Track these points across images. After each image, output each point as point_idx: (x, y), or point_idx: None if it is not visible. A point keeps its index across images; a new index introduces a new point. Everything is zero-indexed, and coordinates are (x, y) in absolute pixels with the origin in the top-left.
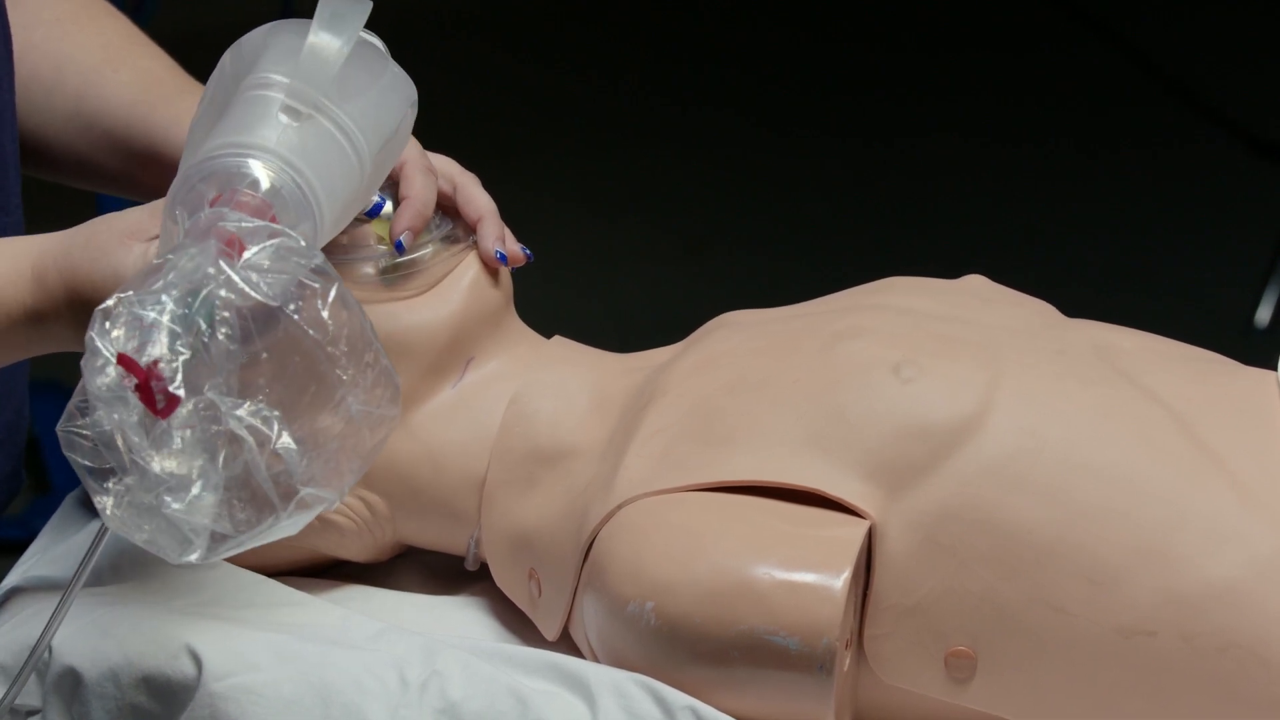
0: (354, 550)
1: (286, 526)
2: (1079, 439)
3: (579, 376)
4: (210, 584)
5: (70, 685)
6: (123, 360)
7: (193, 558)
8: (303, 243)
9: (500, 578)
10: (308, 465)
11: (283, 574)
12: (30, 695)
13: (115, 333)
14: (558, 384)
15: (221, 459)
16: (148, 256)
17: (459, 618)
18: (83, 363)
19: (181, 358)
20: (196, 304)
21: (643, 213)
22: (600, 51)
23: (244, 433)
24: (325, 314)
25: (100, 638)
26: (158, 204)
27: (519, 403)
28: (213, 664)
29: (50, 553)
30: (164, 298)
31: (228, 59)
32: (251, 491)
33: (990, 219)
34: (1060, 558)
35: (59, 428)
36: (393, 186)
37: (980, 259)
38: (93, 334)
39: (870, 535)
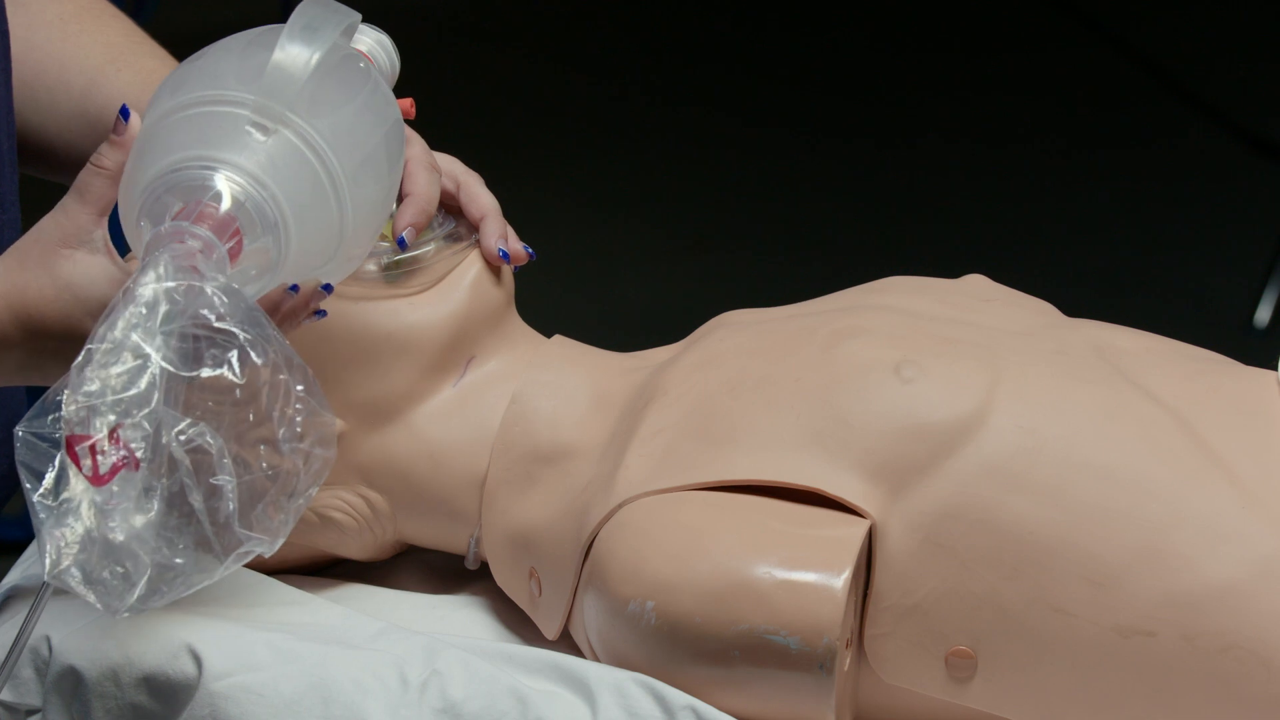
0: (354, 548)
1: (220, 572)
2: (1079, 439)
3: (579, 376)
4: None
5: (70, 685)
6: (70, 441)
7: (132, 599)
8: (225, 298)
9: (500, 577)
10: (244, 501)
11: (283, 573)
12: (30, 694)
13: (72, 400)
14: (558, 383)
15: (162, 473)
16: (94, 265)
17: (459, 617)
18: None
19: (129, 428)
20: (134, 371)
21: (644, 212)
22: (602, 51)
23: (181, 454)
24: (238, 371)
25: (100, 637)
26: (68, 204)
27: (519, 402)
28: (213, 663)
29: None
30: (108, 357)
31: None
32: (187, 520)
33: (991, 218)
34: (1060, 558)
35: (17, 429)
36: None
37: (980, 258)
38: (60, 396)
39: (871, 535)
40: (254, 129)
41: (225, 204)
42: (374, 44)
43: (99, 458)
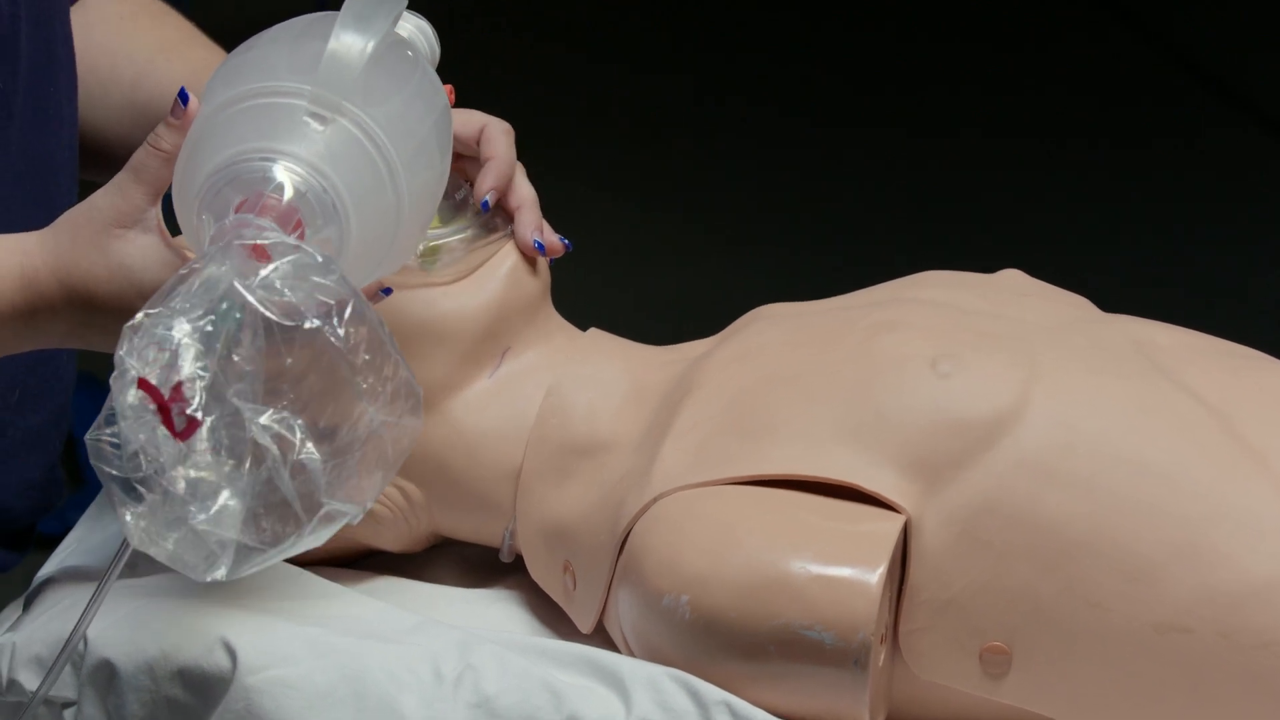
0: (389, 540)
1: (310, 540)
2: (1116, 433)
3: (615, 369)
4: (245, 576)
5: (105, 677)
6: (143, 384)
7: (219, 574)
8: (319, 258)
9: (535, 570)
10: (331, 475)
11: (317, 564)
12: (66, 687)
13: (139, 352)
14: (594, 376)
15: (247, 466)
16: (148, 246)
17: (494, 611)
18: (111, 378)
19: (201, 381)
20: (219, 319)
21: (680, 205)
22: (639, 43)
23: (268, 441)
24: (342, 330)
25: (136, 630)
26: (123, 182)
27: (555, 394)
28: (247, 657)
29: (86, 543)
30: (186, 315)
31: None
32: (275, 502)
33: (1027, 213)
34: (1097, 553)
35: (88, 436)
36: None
37: (1016, 253)
38: (120, 352)
39: (906, 530)
40: (311, 119)
41: (287, 194)
42: (415, 30)
43: (174, 411)
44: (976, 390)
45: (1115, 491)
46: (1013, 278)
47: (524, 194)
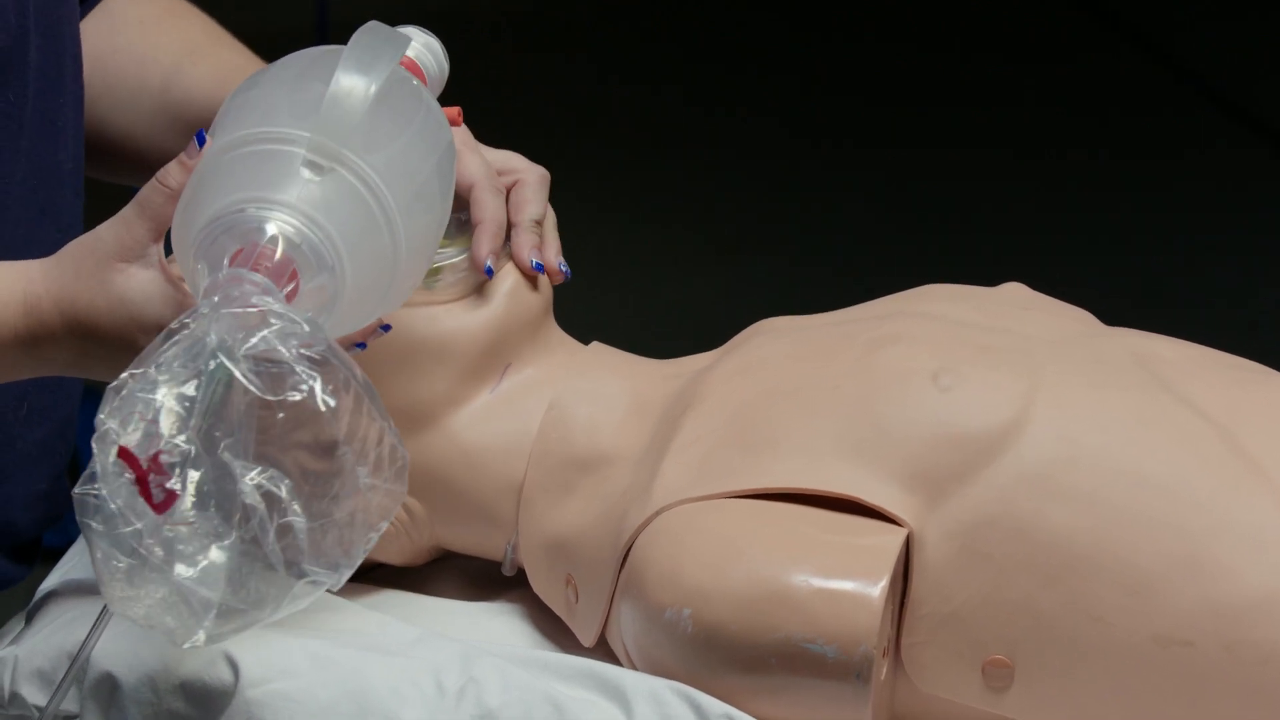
0: (392, 553)
1: (289, 605)
2: (1118, 447)
3: (617, 383)
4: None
5: (107, 691)
6: (123, 453)
7: (199, 638)
8: (307, 326)
9: (537, 584)
10: (314, 539)
11: None
12: (68, 700)
13: (120, 415)
14: (595, 390)
15: (235, 521)
16: (149, 281)
17: (496, 624)
18: (93, 438)
19: (181, 449)
20: (207, 379)
21: (680, 218)
22: (635, 56)
23: (256, 499)
24: (331, 400)
25: (138, 643)
26: (128, 216)
27: (557, 408)
28: (249, 670)
29: (89, 556)
30: (170, 380)
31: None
32: (259, 563)
33: (1029, 226)
34: (1099, 566)
35: (74, 490)
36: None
37: (1017, 266)
38: (102, 415)
39: (908, 543)
40: (309, 168)
41: (281, 247)
42: (422, 48)
43: (152, 483)
44: (978, 404)
45: (1117, 505)
46: (1015, 291)
47: (529, 211)
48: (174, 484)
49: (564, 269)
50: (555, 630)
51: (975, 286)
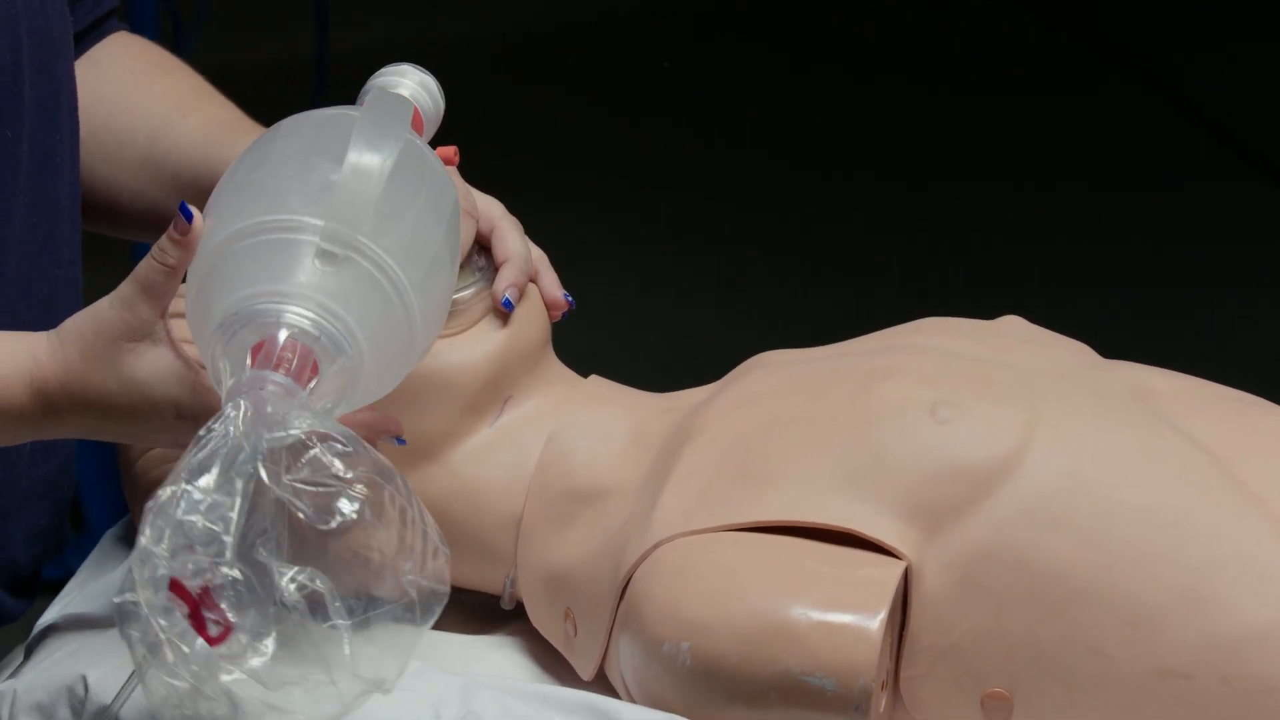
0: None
1: (338, 711)
2: (1117, 480)
3: (616, 416)
4: None
5: None
6: (174, 587)
7: None
8: (343, 441)
9: (536, 617)
10: (359, 641)
11: None
12: None
13: (162, 536)
14: (594, 423)
15: (273, 615)
16: (159, 359)
17: (495, 657)
18: (133, 558)
19: (230, 579)
20: (241, 503)
21: (679, 251)
22: (636, 89)
23: (296, 600)
24: (368, 515)
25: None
26: (130, 297)
27: (556, 441)
28: (249, 703)
29: (88, 589)
30: (211, 503)
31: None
32: (304, 663)
33: (1025, 260)
34: (1098, 599)
35: (114, 598)
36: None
37: (1015, 300)
38: (143, 540)
39: (906, 576)
40: (323, 259)
41: (302, 340)
42: (417, 87)
43: (208, 619)
44: (977, 436)
45: (1116, 538)
46: (1013, 324)
47: (510, 248)
48: (230, 616)
49: (568, 298)
50: (554, 663)
51: (973, 320)
